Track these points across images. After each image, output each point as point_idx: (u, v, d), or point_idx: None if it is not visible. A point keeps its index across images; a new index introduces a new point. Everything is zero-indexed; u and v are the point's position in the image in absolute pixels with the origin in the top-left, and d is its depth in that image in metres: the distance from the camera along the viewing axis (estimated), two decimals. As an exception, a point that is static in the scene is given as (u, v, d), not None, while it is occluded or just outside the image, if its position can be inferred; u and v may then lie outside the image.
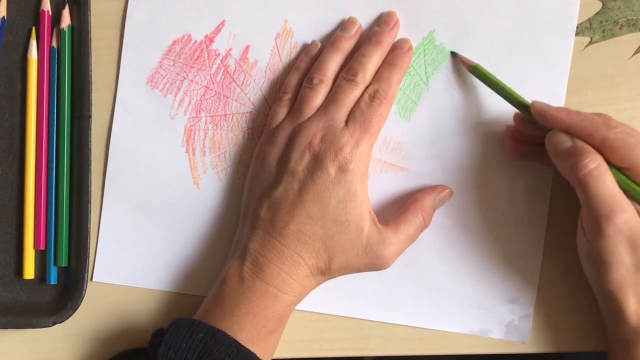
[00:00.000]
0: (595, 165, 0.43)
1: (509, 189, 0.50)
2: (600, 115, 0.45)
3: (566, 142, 0.44)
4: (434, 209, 0.49)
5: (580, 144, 0.44)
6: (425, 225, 0.49)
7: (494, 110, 0.50)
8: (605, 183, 0.43)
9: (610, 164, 0.43)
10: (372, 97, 0.47)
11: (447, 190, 0.50)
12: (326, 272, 0.47)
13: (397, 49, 0.49)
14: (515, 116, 0.49)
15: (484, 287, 0.50)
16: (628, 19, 0.50)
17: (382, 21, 0.50)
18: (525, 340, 0.50)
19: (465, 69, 0.50)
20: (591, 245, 0.44)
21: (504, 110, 0.49)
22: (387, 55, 0.49)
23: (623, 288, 0.44)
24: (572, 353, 0.51)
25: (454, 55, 0.50)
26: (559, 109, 0.45)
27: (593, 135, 0.43)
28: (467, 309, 0.50)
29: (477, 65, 0.49)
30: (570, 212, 0.50)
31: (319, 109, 0.48)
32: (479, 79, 0.49)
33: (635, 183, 0.44)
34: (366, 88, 0.48)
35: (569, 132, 0.44)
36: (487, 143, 0.50)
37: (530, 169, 0.50)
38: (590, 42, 0.50)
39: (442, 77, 0.50)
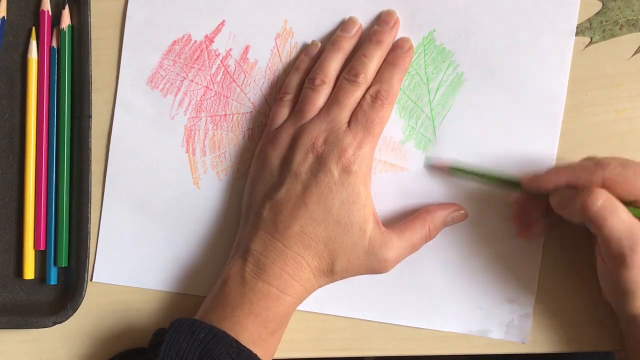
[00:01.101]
0: (604, 199, 0.42)
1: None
2: (587, 159, 0.45)
3: (569, 193, 0.44)
4: (443, 225, 0.49)
5: (583, 187, 0.44)
6: (430, 237, 0.49)
7: (493, 110, 0.50)
8: (620, 215, 0.42)
9: None
10: (374, 99, 0.47)
11: (462, 211, 0.50)
12: (328, 275, 0.47)
13: (397, 49, 0.49)
14: (514, 201, 0.49)
15: (484, 287, 0.50)
16: (628, 19, 0.50)
17: (382, 20, 0.50)
18: (525, 340, 0.50)
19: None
20: (615, 276, 0.44)
21: (503, 111, 0.49)
22: (388, 54, 0.49)
23: None
24: (572, 353, 0.51)
25: (428, 162, 0.50)
26: (547, 172, 0.45)
27: (591, 181, 0.43)
28: (466, 309, 0.50)
29: (452, 167, 0.49)
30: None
31: (321, 110, 0.48)
32: (462, 177, 0.49)
33: None
34: (368, 89, 0.48)
35: (568, 187, 0.44)
36: (487, 143, 0.50)
37: (530, 169, 0.50)
38: (590, 42, 0.50)
39: (442, 77, 0.50)
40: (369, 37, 0.49)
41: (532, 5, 0.50)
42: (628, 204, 0.43)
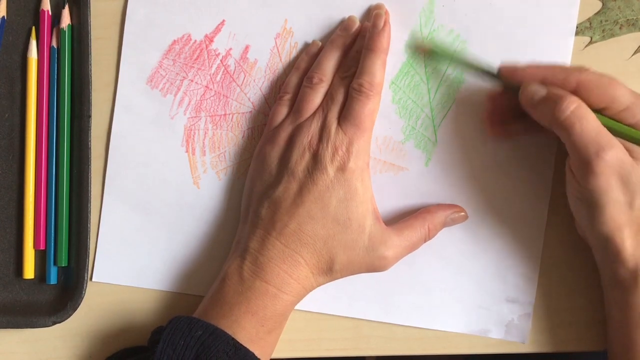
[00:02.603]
0: (575, 106, 0.42)
1: (508, 189, 0.50)
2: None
3: (541, 90, 0.44)
4: (442, 225, 0.49)
5: (556, 89, 0.44)
6: (428, 237, 0.49)
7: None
8: (589, 122, 0.42)
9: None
10: (358, 92, 0.47)
11: (462, 213, 0.50)
12: (328, 273, 0.47)
13: (373, 30, 0.48)
14: (488, 97, 0.48)
15: (484, 286, 0.50)
16: (628, 19, 0.50)
17: (375, 15, 0.49)
18: (524, 340, 0.50)
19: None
20: (582, 187, 0.43)
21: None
22: (366, 39, 0.48)
23: (618, 228, 0.43)
24: (572, 353, 0.51)
25: (412, 41, 0.50)
26: (528, 64, 0.45)
27: (566, 80, 0.43)
28: (466, 309, 0.50)
29: (433, 49, 0.49)
30: (570, 212, 0.50)
31: (318, 109, 0.48)
32: (441, 61, 0.49)
33: (616, 121, 0.43)
34: (352, 83, 0.47)
35: (543, 83, 0.44)
36: (487, 143, 0.50)
37: (530, 169, 0.50)
38: (590, 42, 0.50)
39: (442, 77, 0.50)
40: (361, 34, 0.49)
41: (532, 5, 0.50)
42: (598, 111, 0.43)
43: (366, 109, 0.47)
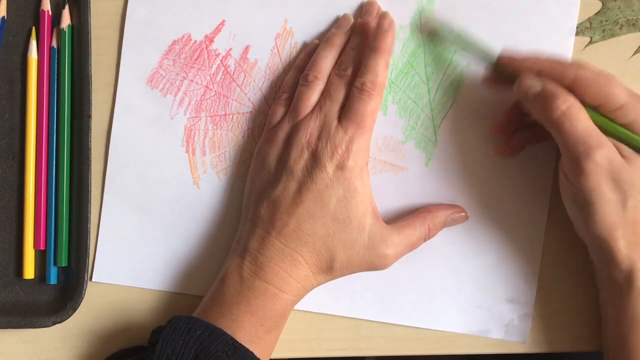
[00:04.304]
0: (568, 105, 0.42)
1: (508, 189, 0.50)
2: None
3: (536, 85, 0.44)
4: (443, 225, 0.49)
5: (551, 85, 0.43)
6: (428, 237, 0.49)
7: (493, 110, 0.50)
8: (580, 121, 0.42)
9: (582, 103, 0.43)
10: (361, 91, 0.47)
11: (462, 213, 0.50)
12: (328, 272, 0.47)
13: (377, 30, 0.48)
14: (490, 124, 0.49)
15: (484, 286, 0.50)
16: (628, 19, 0.50)
17: (364, 11, 0.50)
18: (524, 340, 0.50)
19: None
20: (574, 187, 0.43)
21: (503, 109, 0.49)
22: (370, 38, 0.48)
23: (611, 229, 0.43)
24: (572, 353, 0.51)
25: (422, 15, 0.50)
26: (527, 55, 0.45)
27: (563, 75, 0.43)
28: (466, 309, 0.50)
29: (437, 28, 0.49)
30: (570, 212, 0.50)
31: (315, 107, 0.48)
32: (443, 40, 0.49)
33: (609, 119, 0.43)
34: (354, 82, 0.47)
35: (539, 75, 0.44)
36: (487, 143, 0.50)
37: (530, 169, 0.50)
38: (590, 42, 0.50)
39: (443, 77, 0.50)
40: (355, 30, 0.49)
41: (532, 5, 0.50)
42: (593, 108, 0.43)
43: (368, 107, 0.46)
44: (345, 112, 0.47)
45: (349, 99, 0.47)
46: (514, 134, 0.49)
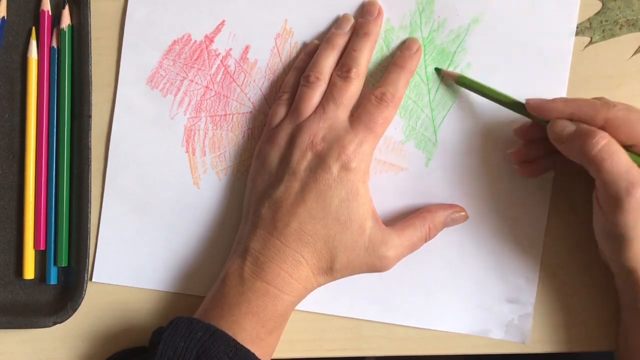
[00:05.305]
0: (605, 142, 0.42)
1: (508, 189, 0.50)
2: (596, 98, 0.45)
3: (569, 126, 0.44)
4: (443, 225, 0.49)
5: (585, 125, 0.43)
6: (429, 237, 0.49)
7: (493, 110, 0.50)
8: (620, 157, 0.42)
9: None
10: (379, 100, 0.47)
11: (462, 213, 0.50)
12: (328, 273, 0.47)
13: (405, 51, 0.49)
14: (516, 132, 0.49)
15: (484, 286, 0.50)
16: (628, 19, 0.50)
17: (365, 11, 0.50)
18: (525, 340, 0.50)
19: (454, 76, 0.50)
20: (610, 222, 0.43)
21: (503, 110, 0.49)
22: (396, 57, 0.49)
23: None
24: (572, 353, 0.51)
25: (437, 71, 0.50)
26: (555, 99, 0.45)
27: (594, 118, 0.43)
28: (467, 309, 0.50)
29: (461, 75, 0.49)
30: (570, 212, 0.50)
31: (317, 107, 0.48)
32: (468, 88, 0.49)
33: None
34: (374, 91, 0.48)
35: (570, 119, 0.44)
36: (487, 143, 0.50)
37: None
38: (590, 42, 0.50)
39: (443, 77, 0.50)
40: (355, 31, 0.49)
41: (532, 5, 0.50)
42: (627, 147, 0.43)
43: (382, 115, 0.47)
44: (359, 115, 0.47)
45: (365, 105, 0.47)
46: (536, 161, 0.49)
